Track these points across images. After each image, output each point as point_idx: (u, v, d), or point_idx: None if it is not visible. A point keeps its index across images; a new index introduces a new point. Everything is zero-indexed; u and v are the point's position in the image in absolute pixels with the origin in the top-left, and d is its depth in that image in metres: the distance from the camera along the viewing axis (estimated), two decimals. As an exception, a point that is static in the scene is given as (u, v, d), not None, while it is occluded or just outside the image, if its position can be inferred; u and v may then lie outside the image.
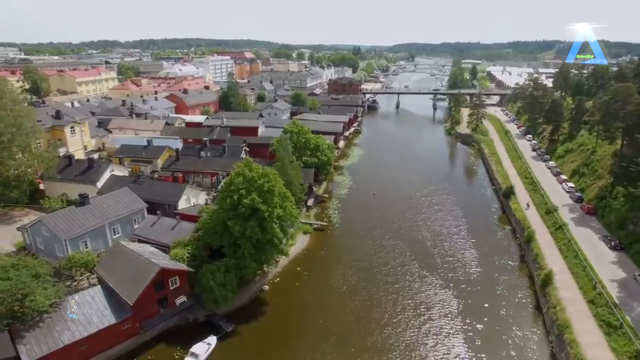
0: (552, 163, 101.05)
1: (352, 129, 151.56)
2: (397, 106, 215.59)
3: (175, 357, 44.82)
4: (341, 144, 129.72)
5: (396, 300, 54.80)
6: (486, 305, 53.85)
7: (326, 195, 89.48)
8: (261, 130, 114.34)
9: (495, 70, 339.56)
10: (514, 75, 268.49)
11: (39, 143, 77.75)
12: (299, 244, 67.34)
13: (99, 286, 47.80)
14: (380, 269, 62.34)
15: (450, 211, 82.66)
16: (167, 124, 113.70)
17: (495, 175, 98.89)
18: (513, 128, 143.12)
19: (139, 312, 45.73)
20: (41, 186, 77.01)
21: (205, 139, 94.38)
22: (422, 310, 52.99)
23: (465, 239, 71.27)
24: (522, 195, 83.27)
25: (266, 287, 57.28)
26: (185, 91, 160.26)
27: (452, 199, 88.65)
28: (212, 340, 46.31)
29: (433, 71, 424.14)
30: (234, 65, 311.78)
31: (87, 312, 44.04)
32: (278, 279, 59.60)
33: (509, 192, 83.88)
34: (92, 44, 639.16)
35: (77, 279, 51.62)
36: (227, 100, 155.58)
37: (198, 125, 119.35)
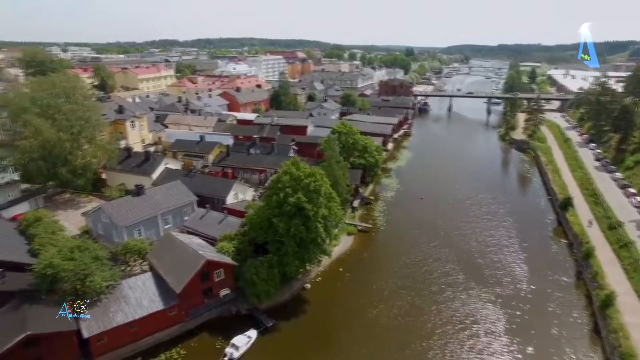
0: (618, 175, 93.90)
1: (401, 131, 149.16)
2: (449, 109, 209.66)
3: (217, 346, 46.10)
4: (390, 146, 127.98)
5: (439, 311, 53.05)
6: (537, 324, 50.70)
7: (372, 197, 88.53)
8: (310, 130, 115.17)
9: (557, 73, 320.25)
10: (578, 79, 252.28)
11: (103, 135, 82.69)
12: (342, 244, 67.10)
13: (149, 273, 50.19)
14: (424, 276, 60.68)
15: (502, 221, 78.94)
16: (219, 120, 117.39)
17: (551, 185, 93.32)
18: (574, 135, 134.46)
19: (185, 300, 47.42)
20: (103, 176, 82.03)
21: (255, 136, 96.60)
22: (467, 324, 50.78)
23: (516, 252, 67.72)
24: (581, 207, 77.97)
25: (308, 286, 57.57)
26: (238, 89, 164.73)
27: (503, 208, 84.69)
28: (253, 333, 47.26)
29: (488, 74, 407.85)
30: (285, 64, 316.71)
31: (139, 296, 46.35)
32: (320, 278, 59.69)
33: (567, 204, 78.84)
34: (153, 43, 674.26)
35: (131, 265, 54.59)
36: (278, 99, 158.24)
37: (249, 122, 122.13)
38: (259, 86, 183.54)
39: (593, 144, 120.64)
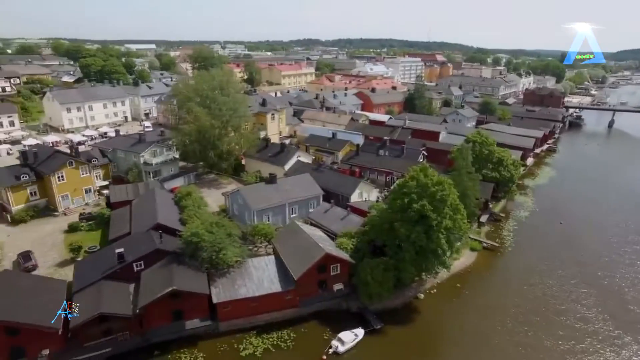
0: None
1: (545, 146, 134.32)
2: (610, 125, 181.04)
3: (324, 337, 47.60)
4: (529, 161, 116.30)
5: (570, 363, 45.63)
6: None
7: (503, 215, 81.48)
8: (442, 136, 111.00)
9: None
10: None
11: (246, 125, 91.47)
12: (463, 259, 63.36)
13: (272, 256, 54.09)
14: (555, 317, 52.82)
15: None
16: (352, 119, 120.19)
17: None
18: None
19: (301, 287, 49.95)
20: (243, 162, 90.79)
21: (385, 138, 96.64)
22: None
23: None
24: None
25: (421, 296, 55.79)
26: (373, 90, 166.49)
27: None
28: (360, 332, 47.62)
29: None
30: (423, 67, 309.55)
31: (261, 276, 50.37)
32: (435, 290, 57.28)
33: None
34: (298, 42, 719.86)
35: (257, 246, 59.45)
36: (412, 102, 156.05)
37: (381, 123, 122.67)
38: (394, 88, 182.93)
39: None
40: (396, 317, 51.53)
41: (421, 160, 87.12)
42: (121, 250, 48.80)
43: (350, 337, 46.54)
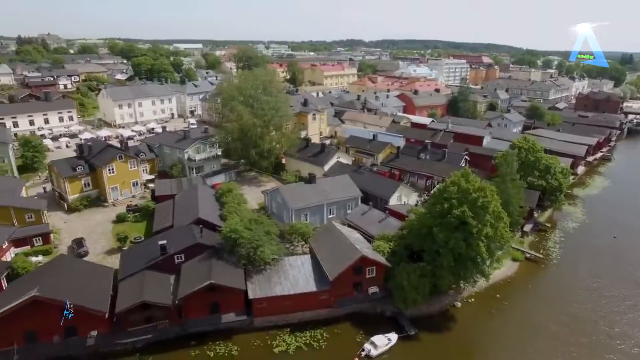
0: None
1: (599, 154, 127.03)
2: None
3: (357, 339, 47.41)
4: (580, 169, 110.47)
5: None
6: None
7: (548, 225, 77.92)
8: (486, 141, 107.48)
9: None
10: None
11: (288, 124, 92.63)
12: (504, 269, 61.21)
13: (308, 255, 54.58)
14: (606, 339, 49.19)
15: None
16: (393, 121, 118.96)
17: None
18: None
19: (336, 288, 50.05)
20: (283, 161, 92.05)
21: (427, 141, 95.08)
22: None
23: None
24: None
25: (458, 304, 54.35)
26: (415, 92, 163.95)
27: None
28: (393, 337, 47.09)
29: None
30: (468, 69, 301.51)
31: (296, 274, 50.92)
32: (473, 300, 55.65)
33: None
34: (341, 42, 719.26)
35: (294, 245, 60.10)
36: (456, 105, 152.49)
37: (422, 126, 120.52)
38: (437, 90, 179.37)
39: None
40: (431, 324, 50.54)
41: (463, 165, 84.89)
42: (164, 242, 50.82)
43: (384, 342, 46.13)
